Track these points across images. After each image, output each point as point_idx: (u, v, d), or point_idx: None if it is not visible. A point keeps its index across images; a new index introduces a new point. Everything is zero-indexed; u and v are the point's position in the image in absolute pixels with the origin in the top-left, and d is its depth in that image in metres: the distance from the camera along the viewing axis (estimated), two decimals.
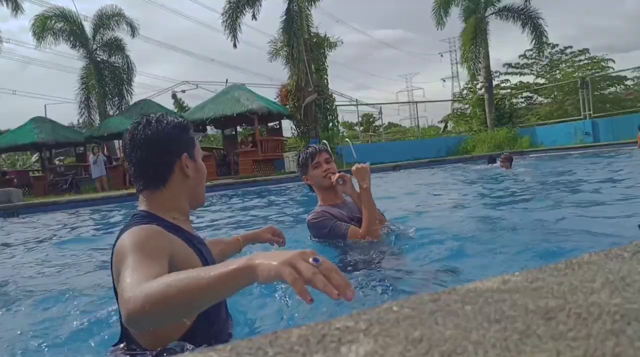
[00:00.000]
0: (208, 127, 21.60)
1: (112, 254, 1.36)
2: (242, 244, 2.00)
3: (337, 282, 0.87)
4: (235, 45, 18.64)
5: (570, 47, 28.38)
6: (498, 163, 10.39)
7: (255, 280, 0.94)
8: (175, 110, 25.69)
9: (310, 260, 0.90)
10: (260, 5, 18.47)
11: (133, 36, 22.16)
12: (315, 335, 0.54)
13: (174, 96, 29.11)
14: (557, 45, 27.73)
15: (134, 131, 1.51)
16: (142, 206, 1.55)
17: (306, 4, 18.89)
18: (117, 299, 1.28)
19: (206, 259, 1.47)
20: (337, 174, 2.74)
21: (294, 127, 19.98)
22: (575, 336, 0.49)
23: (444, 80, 55.70)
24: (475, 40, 21.23)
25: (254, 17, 18.49)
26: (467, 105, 25.83)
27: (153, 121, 1.51)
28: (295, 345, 0.52)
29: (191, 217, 1.64)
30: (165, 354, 1.31)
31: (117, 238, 1.36)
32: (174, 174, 1.51)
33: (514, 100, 25.86)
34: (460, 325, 0.54)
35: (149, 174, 1.51)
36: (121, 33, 22.31)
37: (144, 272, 1.10)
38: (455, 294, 0.66)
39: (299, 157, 2.88)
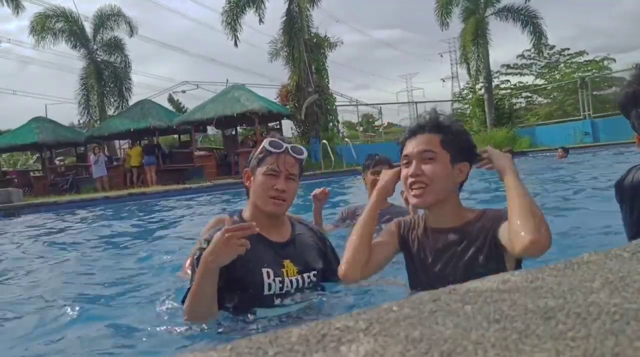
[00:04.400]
0: (208, 127, 21.59)
1: None
2: None
3: None
4: (236, 44, 18.65)
5: (568, 49, 28.41)
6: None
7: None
8: (174, 111, 25.69)
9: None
10: (265, 7, 18.47)
11: (131, 36, 22.17)
12: (315, 335, 0.54)
13: (170, 99, 29.09)
14: (554, 46, 27.74)
15: None
16: None
17: (306, 4, 18.89)
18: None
19: None
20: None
21: (294, 127, 19.98)
22: (574, 336, 0.49)
23: (444, 81, 55.62)
24: (475, 41, 21.23)
25: (260, 21, 18.47)
26: (466, 106, 25.83)
27: None
28: (296, 345, 0.52)
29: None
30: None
31: None
32: None
33: (514, 101, 25.86)
34: (460, 325, 0.54)
35: None
36: (120, 33, 22.34)
37: None
38: (455, 294, 0.66)
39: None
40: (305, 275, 1.81)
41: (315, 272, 1.85)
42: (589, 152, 13.97)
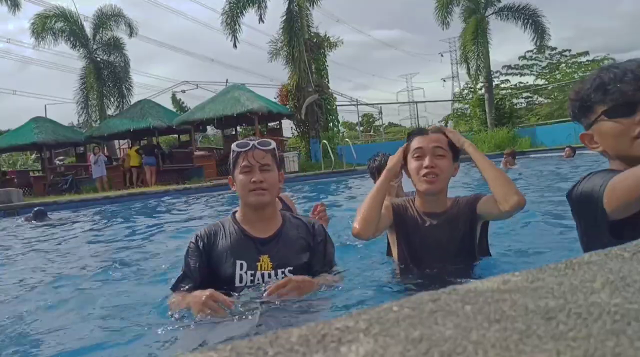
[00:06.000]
0: (208, 127, 21.59)
1: None
2: None
3: None
4: (235, 45, 18.67)
5: (569, 50, 28.46)
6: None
7: None
8: (175, 110, 25.71)
9: None
10: (266, 6, 18.49)
11: (131, 36, 22.19)
12: (315, 335, 0.54)
13: (173, 97, 29.18)
14: (556, 48, 27.77)
15: None
16: None
17: (306, 4, 18.90)
18: None
19: None
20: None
21: (294, 127, 19.99)
22: (575, 336, 0.49)
23: (444, 80, 55.68)
24: (475, 40, 21.24)
25: (261, 20, 18.48)
26: (467, 106, 25.86)
27: None
28: (296, 345, 0.51)
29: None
30: None
31: None
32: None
33: (514, 101, 25.88)
34: (460, 325, 0.54)
35: None
36: (120, 33, 22.35)
37: None
38: (455, 294, 0.66)
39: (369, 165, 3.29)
40: (279, 270, 1.90)
41: (290, 268, 1.92)
42: (590, 153, 13.94)
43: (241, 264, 1.88)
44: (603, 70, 1.29)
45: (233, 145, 2.00)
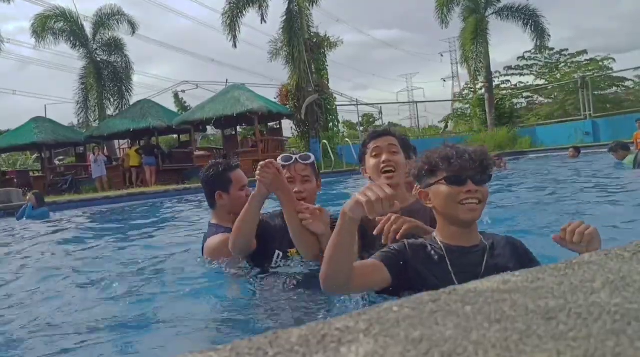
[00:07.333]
0: (208, 127, 21.57)
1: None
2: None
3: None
4: (235, 45, 18.66)
5: (567, 49, 28.44)
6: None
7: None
8: (177, 110, 25.68)
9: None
10: (267, 6, 18.49)
11: (133, 34, 22.17)
12: (316, 335, 0.54)
13: (175, 96, 29.14)
14: (554, 48, 27.74)
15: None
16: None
17: (306, 4, 18.89)
18: None
19: None
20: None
21: (294, 127, 19.98)
22: (575, 336, 0.49)
23: (444, 80, 55.70)
24: (475, 40, 21.23)
25: (263, 20, 18.49)
26: (467, 106, 25.84)
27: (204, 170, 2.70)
28: (296, 345, 0.51)
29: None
30: None
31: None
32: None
33: (515, 101, 25.86)
34: (461, 325, 0.54)
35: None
36: (121, 32, 22.33)
37: None
38: (455, 294, 0.66)
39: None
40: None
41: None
42: (590, 152, 13.96)
43: (278, 254, 2.26)
44: (449, 147, 1.66)
45: (278, 159, 2.26)
